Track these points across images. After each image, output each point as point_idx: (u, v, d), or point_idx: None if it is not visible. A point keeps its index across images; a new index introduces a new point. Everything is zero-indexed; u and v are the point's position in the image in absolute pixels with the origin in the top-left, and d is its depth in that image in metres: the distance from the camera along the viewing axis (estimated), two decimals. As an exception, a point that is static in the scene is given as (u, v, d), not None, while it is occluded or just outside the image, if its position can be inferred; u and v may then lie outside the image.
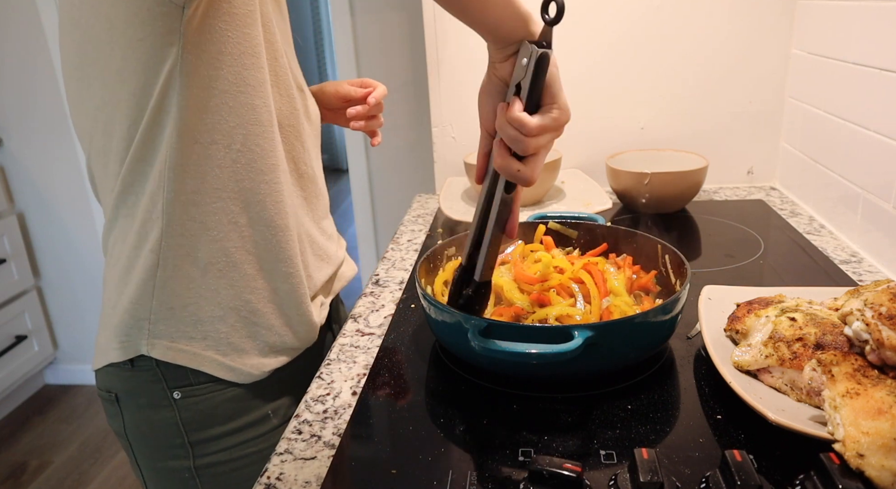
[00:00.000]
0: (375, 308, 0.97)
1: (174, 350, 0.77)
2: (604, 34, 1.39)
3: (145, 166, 0.72)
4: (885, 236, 1.02)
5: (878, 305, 0.60)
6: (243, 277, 0.78)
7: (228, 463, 0.82)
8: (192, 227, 0.74)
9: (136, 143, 0.70)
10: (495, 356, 0.65)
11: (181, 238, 0.74)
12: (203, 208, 0.74)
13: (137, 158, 0.71)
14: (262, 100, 0.75)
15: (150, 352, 0.77)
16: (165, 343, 0.77)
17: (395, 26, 2.02)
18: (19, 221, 2.54)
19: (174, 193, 0.72)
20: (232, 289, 0.78)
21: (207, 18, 0.68)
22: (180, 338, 0.77)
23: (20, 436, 2.46)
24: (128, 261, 0.76)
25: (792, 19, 1.35)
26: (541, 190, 1.32)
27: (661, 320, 0.72)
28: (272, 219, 0.78)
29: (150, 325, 0.76)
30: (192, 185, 0.72)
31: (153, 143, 0.70)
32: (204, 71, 0.69)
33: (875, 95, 1.03)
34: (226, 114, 0.72)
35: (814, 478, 0.54)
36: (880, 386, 0.57)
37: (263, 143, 0.76)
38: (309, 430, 0.70)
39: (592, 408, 0.69)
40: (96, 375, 0.84)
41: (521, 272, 0.83)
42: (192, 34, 0.67)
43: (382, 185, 2.31)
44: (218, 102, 0.71)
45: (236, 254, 0.77)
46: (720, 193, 1.44)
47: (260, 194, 0.77)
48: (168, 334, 0.77)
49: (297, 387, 0.83)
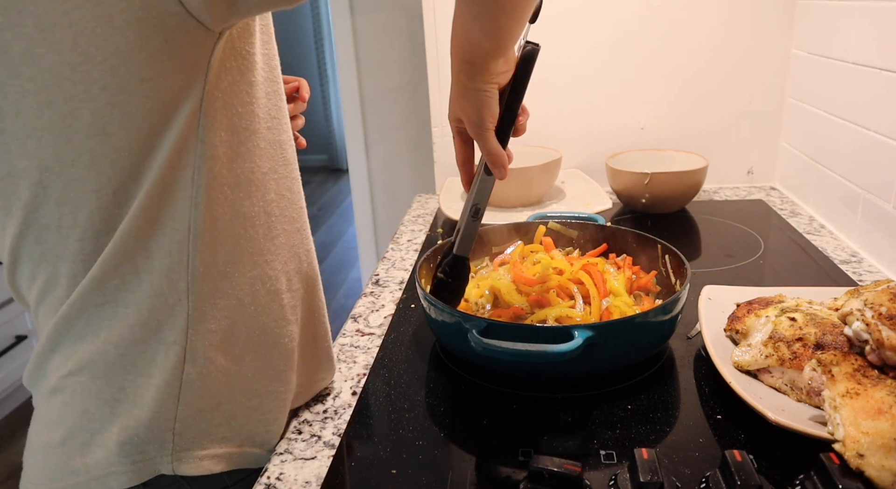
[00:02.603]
0: (375, 308, 0.97)
1: (208, 459, 0.61)
2: (604, 34, 1.39)
3: (150, 241, 0.55)
4: (885, 236, 1.02)
5: (878, 305, 0.60)
6: (283, 356, 0.65)
7: None
8: (226, 305, 0.59)
9: (133, 213, 0.53)
10: (495, 356, 0.65)
11: (213, 322, 0.58)
12: (237, 280, 0.59)
13: (133, 233, 0.54)
14: (287, 134, 0.64)
15: (178, 469, 0.60)
16: (196, 453, 0.61)
17: (395, 26, 2.02)
18: (19, 221, 2.54)
19: (203, 268, 0.57)
20: (271, 372, 0.64)
21: (234, 41, 0.54)
22: (212, 443, 0.61)
23: (20, 436, 2.46)
24: (125, 361, 0.58)
25: (792, 19, 1.35)
26: (541, 190, 1.32)
27: (661, 320, 0.72)
28: (307, 273, 0.68)
29: (174, 436, 0.59)
30: (224, 254, 0.58)
31: (164, 209, 0.54)
32: (233, 108, 0.55)
33: (875, 95, 1.03)
34: (258, 158, 0.59)
35: (814, 478, 0.54)
36: (880, 386, 0.57)
37: (292, 186, 0.65)
38: (309, 430, 0.70)
39: (592, 408, 0.69)
40: None
41: (520, 274, 0.83)
42: (216, 65, 0.53)
43: (382, 185, 2.31)
44: (251, 146, 0.58)
45: (277, 331, 0.64)
46: (720, 193, 1.44)
47: (295, 247, 0.65)
48: (198, 442, 0.61)
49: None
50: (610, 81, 1.43)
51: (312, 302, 0.70)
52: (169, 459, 0.60)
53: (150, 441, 0.59)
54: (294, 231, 0.66)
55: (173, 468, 0.60)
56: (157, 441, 0.59)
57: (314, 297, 0.70)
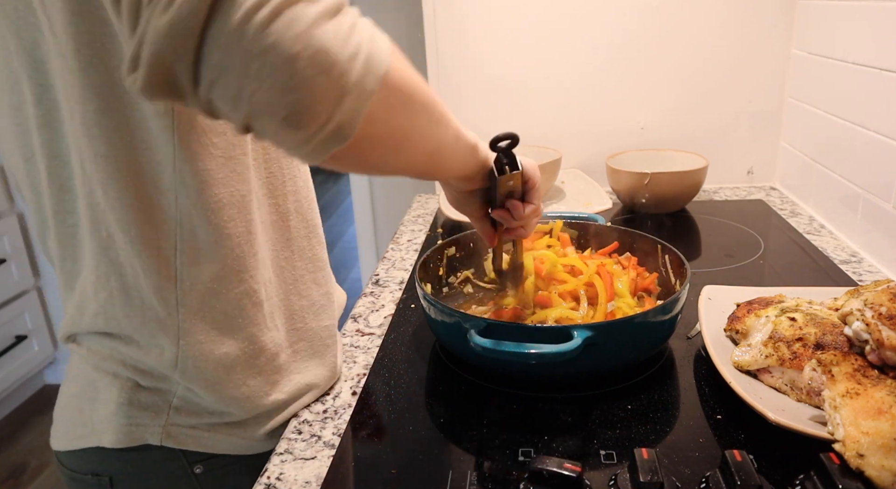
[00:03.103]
0: (375, 308, 0.97)
1: (194, 435, 0.66)
2: (604, 34, 1.39)
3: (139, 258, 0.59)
4: (885, 236, 1.02)
5: (878, 305, 0.60)
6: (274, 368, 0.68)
7: None
8: (214, 318, 0.63)
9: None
10: (495, 356, 0.65)
11: (202, 334, 0.63)
12: (224, 296, 0.63)
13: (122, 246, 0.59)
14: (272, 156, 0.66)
15: (165, 441, 0.65)
16: (185, 430, 0.65)
17: (395, 26, 2.02)
18: (19, 221, 2.54)
19: (189, 284, 0.61)
20: (261, 377, 0.67)
21: None
22: (201, 422, 0.66)
23: (20, 436, 2.46)
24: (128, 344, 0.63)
25: (792, 19, 1.35)
26: (541, 190, 1.31)
27: (660, 320, 0.72)
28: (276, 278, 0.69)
29: (170, 410, 0.65)
30: (211, 272, 0.61)
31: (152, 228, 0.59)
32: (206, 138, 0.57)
33: (875, 95, 1.03)
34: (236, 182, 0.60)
35: (814, 478, 0.54)
36: (880, 386, 0.57)
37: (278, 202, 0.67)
38: (309, 430, 0.70)
39: (592, 408, 0.69)
40: (68, 455, 0.69)
41: (539, 267, 0.84)
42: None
43: (382, 185, 2.31)
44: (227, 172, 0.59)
45: (261, 338, 0.66)
46: (720, 193, 1.44)
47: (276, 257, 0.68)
48: (187, 419, 0.66)
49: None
50: (610, 82, 1.43)
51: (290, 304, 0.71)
52: (158, 431, 0.64)
53: (146, 409, 0.64)
54: (276, 240, 0.68)
55: (161, 439, 0.65)
56: (152, 411, 0.64)
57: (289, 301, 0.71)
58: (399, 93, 0.45)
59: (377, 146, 0.47)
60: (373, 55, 0.41)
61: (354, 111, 0.41)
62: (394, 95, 0.45)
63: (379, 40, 0.43)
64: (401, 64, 0.46)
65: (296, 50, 0.37)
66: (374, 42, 0.42)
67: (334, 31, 0.39)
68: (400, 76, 0.45)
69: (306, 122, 0.39)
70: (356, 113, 0.41)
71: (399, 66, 0.45)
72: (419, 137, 0.51)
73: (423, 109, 0.49)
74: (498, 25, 1.40)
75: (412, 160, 0.54)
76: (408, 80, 0.46)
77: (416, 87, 0.48)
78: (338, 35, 0.39)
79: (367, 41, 0.41)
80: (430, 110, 0.51)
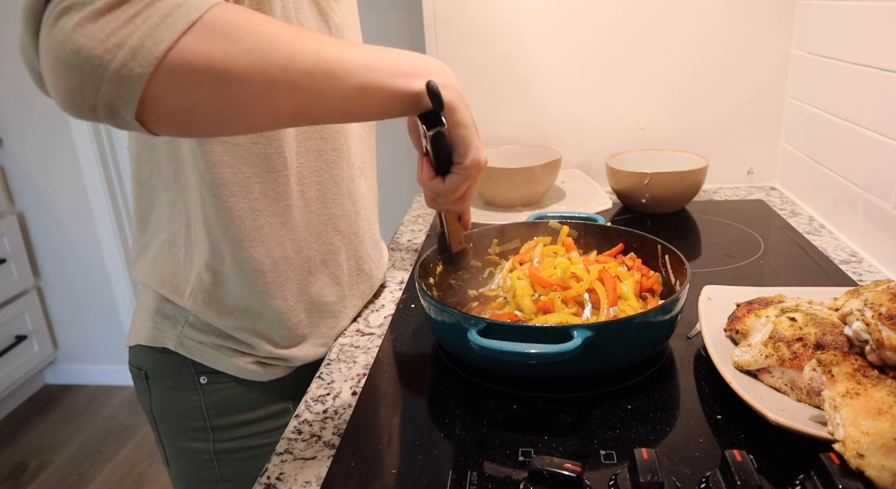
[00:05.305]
0: (375, 308, 0.97)
1: (206, 351, 0.79)
2: (603, 34, 1.39)
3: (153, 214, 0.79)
4: (885, 236, 1.02)
5: (878, 305, 0.60)
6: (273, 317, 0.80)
7: (247, 450, 0.84)
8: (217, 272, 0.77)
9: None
10: (495, 356, 0.65)
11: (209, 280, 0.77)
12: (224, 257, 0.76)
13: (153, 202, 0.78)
14: (275, 147, 0.74)
15: (178, 348, 0.79)
16: (198, 346, 0.79)
17: (395, 26, 2.02)
18: (19, 221, 2.54)
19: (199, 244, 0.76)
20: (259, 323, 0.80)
21: None
22: (213, 341, 0.80)
23: (20, 436, 2.46)
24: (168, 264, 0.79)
25: (792, 19, 1.35)
26: (541, 190, 1.32)
27: (660, 320, 0.72)
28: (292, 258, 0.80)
29: (186, 323, 0.79)
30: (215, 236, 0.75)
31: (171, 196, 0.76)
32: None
33: (875, 95, 1.03)
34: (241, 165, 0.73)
35: (814, 478, 0.53)
36: (880, 386, 0.57)
37: (277, 189, 0.76)
38: (309, 430, 0.70)
39: (592, 408, 0.69)
40: (129, 350, 0.86)
41: (537, 274, 0.83)
42: None
43: (382, 185, 2.30)
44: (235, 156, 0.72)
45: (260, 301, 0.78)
46: (720, 193, 1.44)
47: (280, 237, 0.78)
48: (201, 336, 0.79)
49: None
50: (610, 81, 1.43)
51: (303, 281, 0.82)
52: (174, 339, 0.79)
53: (167, 319, 0.80)
54: (279, 224, 0.77)
55: (175, 346, 0.79)
56: (171, 321, 0.79)
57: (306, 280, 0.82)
58: (193, 69, 0.47)
59: (196, 117, 0.51)
60: (144, 43, 0.45)
61: (119, 95, 0.46)
62: (187, 73, 0.47)
63: (169, 22, 0.46)
64: (208, 41, 0.47)
65: (54, 54, 0.46)
66: (157, 27, 0.45)
67: (95, 30, 0.44)
68: (199, 53, 0.47)
69: (79, 109, 0.47)
70: (124, 96, 0.46)
71: (203, 46, 0.47)
72: (243, 105, 0.52)
73: (241, 78, 0.50)
74: (498, 26, 1.40)
75: (262, 122, 0.56)
76: (212, 55, 0.48)
77: (231, 58, 0.49)
78: (99, 34, 0.44)
79: (142, 30, 0.45)
80: (266, 76, 0.51)
